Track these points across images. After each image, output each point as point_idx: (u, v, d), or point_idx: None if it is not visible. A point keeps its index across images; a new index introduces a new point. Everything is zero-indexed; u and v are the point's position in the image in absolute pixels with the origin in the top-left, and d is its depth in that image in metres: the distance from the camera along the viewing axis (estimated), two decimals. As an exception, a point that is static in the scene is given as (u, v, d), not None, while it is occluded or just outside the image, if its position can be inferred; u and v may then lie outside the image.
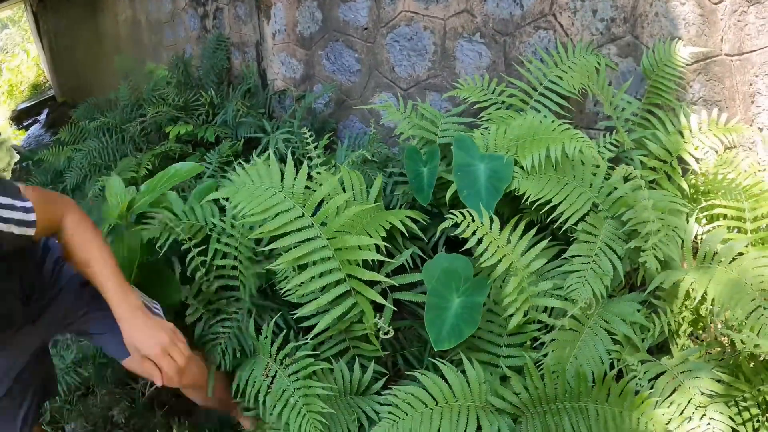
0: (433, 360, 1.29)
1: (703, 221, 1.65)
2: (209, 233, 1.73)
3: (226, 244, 1.70)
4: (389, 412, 1.19)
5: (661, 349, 1.48)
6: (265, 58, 2.56)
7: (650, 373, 1.32)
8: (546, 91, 1.79)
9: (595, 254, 1.43)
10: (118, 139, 3.07)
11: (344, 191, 1.71)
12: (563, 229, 1.44)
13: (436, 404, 1.22)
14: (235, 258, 1.69)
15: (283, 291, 1.54)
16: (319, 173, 1.73)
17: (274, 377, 1.45)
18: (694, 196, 1.68)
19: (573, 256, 1.39)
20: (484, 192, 1.50)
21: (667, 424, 1.26)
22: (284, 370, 1.43)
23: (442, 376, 1.26)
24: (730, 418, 1.29)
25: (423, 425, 1.17)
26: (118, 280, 1.23)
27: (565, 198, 1.44)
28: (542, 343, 1.36)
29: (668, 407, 1.27)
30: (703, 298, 1.37)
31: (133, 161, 2.62)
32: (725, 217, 1.60)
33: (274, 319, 1.60)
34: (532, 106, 1.79)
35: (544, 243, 1.42)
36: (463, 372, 1.27)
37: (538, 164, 1.46)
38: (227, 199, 1.71)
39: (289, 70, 2.46)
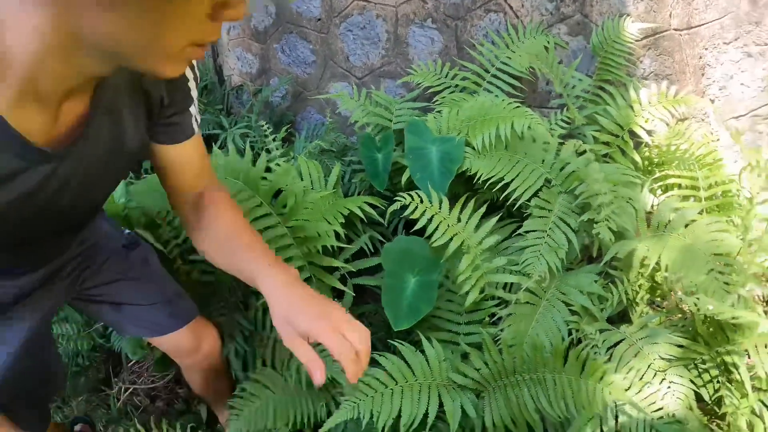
0: (392, 341, 1.28)
1: (659, 192, 1.67)
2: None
3: None
4: (350, 396, 1.18)
5: (622, 318, 1.49)
6: (220, 54, 2.54)
7: (609, 342, 1.34)
8: (498, 72, 1.80)
9: (549, 228, 1.43)
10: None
11: (302, 180, 1.71)
12: (516, 206, 1.45)
13: (396, 384, 1.21)
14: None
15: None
16: (278, 164, 1.73)
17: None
18: (649, 168, 1.71)
19: (527, 232, 1.40)
20: (437, 174, 1.51)
21: (627, 389, 1.27)
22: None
23: (402, 357, 1.25)
24: (691, 381, 1.31)
25: (384, 405, 1.17)
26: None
27: (517, 175, 1.45)
28: (500, 318, 1.36)
29: (627, 373, 1.28)
30: (658, 266, 1.39)
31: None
32: (680, 186, 1.62)
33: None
34: (485, 88, 1.79)
35: (494, 220, 1.43)
36: (423, 351, 1.27)
37: (489, 143, 1.47)
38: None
39: (245, 65, 2.44)
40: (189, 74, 0.93)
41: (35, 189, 0.76)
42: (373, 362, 1.24)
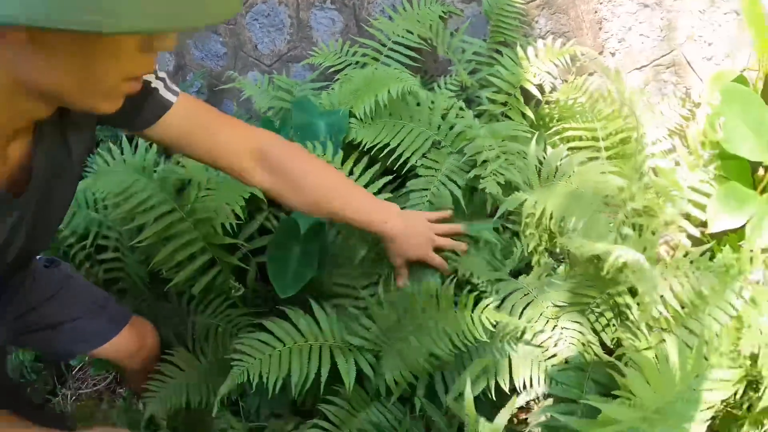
0: (280, 307, 1.30)
1: (561, 146, 1.69)
2: (91, 227, 1.73)
3: (104, 237, 1.72)
4: (239, 359, 1.19)
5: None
6: (136, 56, 2.54)
7: (503, 292, 1.35)
8: (395, 45, 1.83)
9: (434, 186, 1.46)
10: None
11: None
12: (406, 169, 1.47)
13: (284, 346, 1.22)
14: (117, 249, 1.71)
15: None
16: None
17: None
18: (550, 125, 1.73)
19: (411, 191, 1.42)
20: (325, 145, 1.54)
21: (519, 338, 1.29)
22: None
23: (290, 320, 1.26)
24: (591, 326, 1.32)
25: (272, 366, 1.18)
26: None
27: (402, 140, 1.48)
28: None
29: (519, 319, 1.30)
30: (549, 215, 1.41)
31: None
32: (580, 138, 1.65)
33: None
34: (382, 62, 1.82)
35: (385, 179, 1.46)
36: (313, 315, 1.29)
37: (371, 111, 1.50)
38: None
39: (161, 63, 2.44)
40: None
41: None
42: (261, 327, 1.26)
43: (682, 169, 1.45)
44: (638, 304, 1.29)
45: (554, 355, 1.27)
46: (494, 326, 1.19)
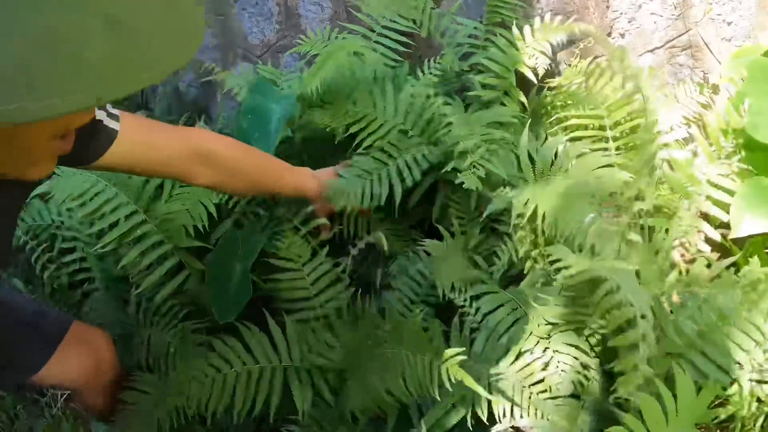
0: (234, 322, 1.16)
1: (560, 135, 1.51)
2: (54, 232, 1.67)
3: (74, 238, 1.66)
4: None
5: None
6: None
7: (485, 308, 1.18)
8: (384, 30, 1.67)
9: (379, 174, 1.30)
10: None
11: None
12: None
13: (231, 369, 1.09)
14: (82, 249, 1.64)
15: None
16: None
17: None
18: (552, 113, 1.54)
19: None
20: (274, 133, 1.43)
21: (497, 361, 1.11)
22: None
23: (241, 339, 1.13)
24: (591, 347, 1.13)
25: (214, 394, 1.05)
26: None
27: (366, 126, 1.34)
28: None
29: (498, 340, 1.12)
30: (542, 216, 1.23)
31: None
32: (585, 127, 1.46)
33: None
34: (372, 48, 1.67)
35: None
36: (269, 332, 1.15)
37: (317, 90, 1.37)
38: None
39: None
40: None
41: None
42: (209, 346, 1.13)
43: (701, 161, 1.24)
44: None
45: (541, 380, 1.09)
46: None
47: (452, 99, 1.45)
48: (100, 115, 0.94)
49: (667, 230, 1.24)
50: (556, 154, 1.31)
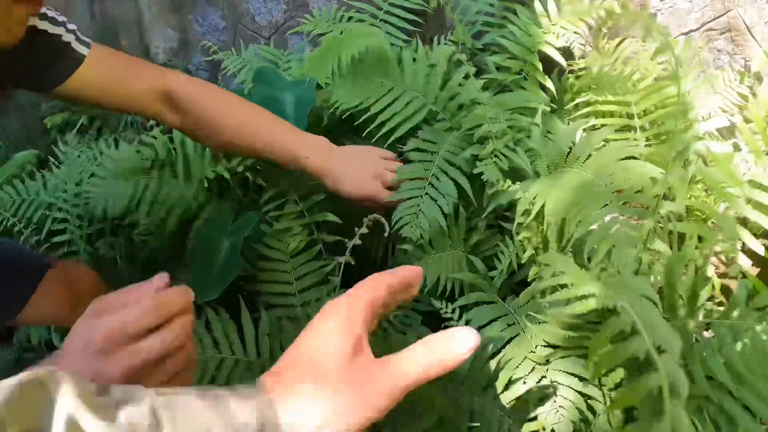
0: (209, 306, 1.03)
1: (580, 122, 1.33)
2: (44, 212, 1.62)
3: (63, 220, 1.61)
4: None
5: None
6: (144, 32, 2.39)
7: (475, 323, 1.02)
8: (391, 8, 1.54)
9: (433, 175, 1.14)
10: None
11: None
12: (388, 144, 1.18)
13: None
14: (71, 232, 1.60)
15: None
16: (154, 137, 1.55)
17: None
18: (575, 98, 1.37)
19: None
20: (292, 122, 1.26)
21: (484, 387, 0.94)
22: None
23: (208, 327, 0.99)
24: (598, 379, 0.94)
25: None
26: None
27: (387, 107, 1.18)
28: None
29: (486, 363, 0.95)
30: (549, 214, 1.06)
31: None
32: (611, 114, 1.29)
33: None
34: (380, 28, 1.53)
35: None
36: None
37: (331, 78, 1.23)
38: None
39: (167, 40, 2.27)
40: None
41: None
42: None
43: (743, 157, 1.05)
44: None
45: (535, 418, 0.90)
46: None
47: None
48: (68, 38, 0.93)
49: (700, 238, 1.05)
50: (573, 144, 1.13)
